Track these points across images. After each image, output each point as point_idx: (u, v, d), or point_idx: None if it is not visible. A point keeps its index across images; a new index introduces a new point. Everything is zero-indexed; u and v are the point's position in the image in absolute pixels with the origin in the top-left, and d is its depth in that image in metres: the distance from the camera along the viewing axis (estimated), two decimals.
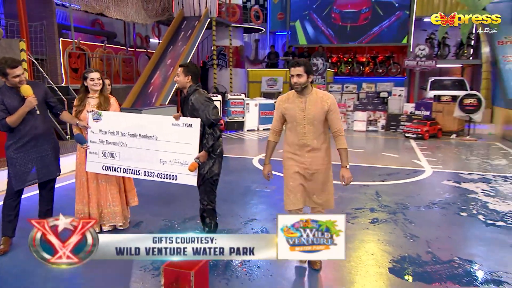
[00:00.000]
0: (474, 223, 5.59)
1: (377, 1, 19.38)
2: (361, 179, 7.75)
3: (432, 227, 5.43)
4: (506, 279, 3.87)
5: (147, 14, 16.51)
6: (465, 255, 4.48)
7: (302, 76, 3.65)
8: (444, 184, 7.52)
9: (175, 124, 4.41)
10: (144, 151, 4.64)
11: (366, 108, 15.27)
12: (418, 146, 11.44)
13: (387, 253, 4.53)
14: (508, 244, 4.76)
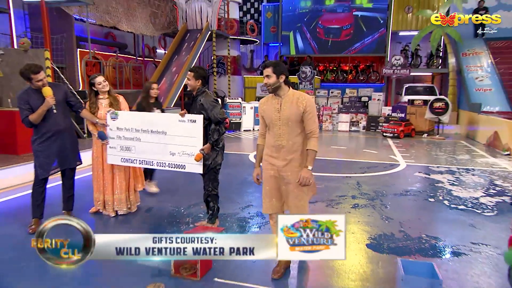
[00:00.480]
0: (440, 207, 5.71)
1: (362, 16, 19.25)
2: (344, 172, 7.93)
3: (404, 210, 5.57)
4: (464, 251, 4.06)
5: (155, 28, 16.46)
6: (432, 233, 4.62)
7: (271, 77, 3.33)
8: (416, 176, 7.66)
9: (181, 121, 4.50)
10: (155, 144, 4.70)
11: (349, 111, 15.33)
12: (394, 144, 11.54)
13: (365, 232, 4.65)
14: (467, 224, 4.95)
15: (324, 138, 13.21)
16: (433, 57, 17.16)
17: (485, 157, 9.43)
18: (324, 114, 15.30)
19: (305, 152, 3.40)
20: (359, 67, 19.70)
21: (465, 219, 5.14)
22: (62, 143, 4.59)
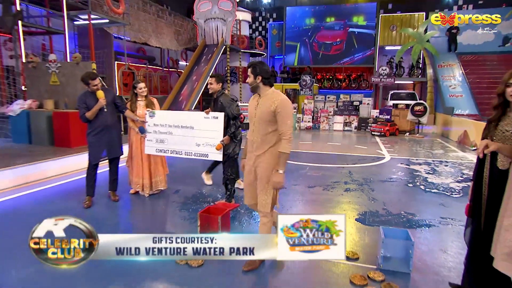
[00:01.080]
0: (417, 191, 5.86)
1: (359, 33, 19.11)
2: (338, 163, 8.03)
3: (387, 193, 5.70)
4: (434, 223, 4.31)
5: (178, 43, 16.59)
6: (409, 210, 4.80)
7: (250, 77, 3.10)
8: (398, 166, 7.74)
9: (206, 117, 4.63)
10: (184, 137, 4.82)
11: (343, 113, 15.30)
12: (381, 141, 11.61)
13: (355, 209, 4.85)
14: (438, 203, 5.15)
15: (321, 136, 13.25)
16: (414, 68, 17.24)
17: (456, 152, 9.57)
18: (322, 115, 15.28)
19: (276, 153, 3.06)
20: (352, 76, 19.74)
21: (437, 200, 5.33)
22: (110, 136, 4.78)
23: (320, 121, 15.33)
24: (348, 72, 19.99)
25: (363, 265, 3.25)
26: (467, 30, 16.83)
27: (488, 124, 2.55)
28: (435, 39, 16.76)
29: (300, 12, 20.42)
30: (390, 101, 15.43)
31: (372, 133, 13.36)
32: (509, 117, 2.38)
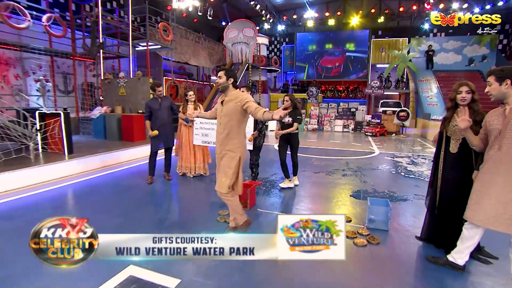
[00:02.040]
0: (398, 176, 6.06)
1: (353, 57, 19.09)
2: (338, 156, 8.15)
3: (375, 178, 5.93)
4: (409, 199, 4.59)
5: (211, 62, 16.96)
6: (391, 189, 5.05)
7: (222, 78, 2.97)
8: (385, 158, 7.89)
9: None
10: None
11: (342, 118, 15.42)
12: (372, 140, 11.69)
13: (350, 188, 5.12)
14: (413, 185, 5.36)
15: (324, 135, 13.36)
16: (399, 81, 17.11)
17: (431, 148, 9.58)
18: (325, 119, 15.43)
19: (235, 144, 2.99)
20: (350, 88, 19.67)
21: (413, 182, 5.55)
22: (166, 131, 5.08)
23: (323, 124, 15.45)
24: (347, 84, 20.02)
25: (354, 225, 3.63)
26: (441, 52, 16.82)
27: (444, 121, 2.91)
28: (416, 59, 16.71)
29: (307, 37, 20.56)
30: (380, 108, 15.42)
31: (365, 134, 13.36)
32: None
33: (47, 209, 4.15)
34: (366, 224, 3.56)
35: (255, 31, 16.25)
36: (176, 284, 2.40)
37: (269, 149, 9.13)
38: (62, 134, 6.08)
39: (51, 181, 5.35)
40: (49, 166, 5.52)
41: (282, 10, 21.38)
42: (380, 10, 19.09)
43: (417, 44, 17.34)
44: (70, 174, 5.80)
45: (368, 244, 3.13)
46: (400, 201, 4.55)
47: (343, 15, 19.54)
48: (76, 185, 5.22)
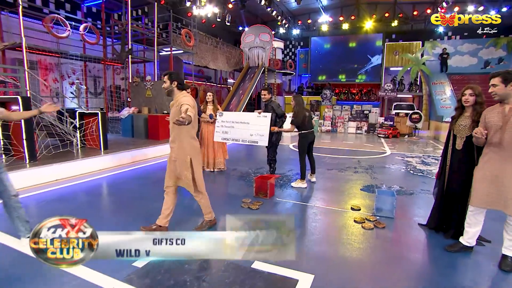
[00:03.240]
0: (407, 173, 6.33)
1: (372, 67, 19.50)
2: (351, 155, 8.43)
3: (385, 174, 6.21)
4: (415, 193, 4.88)
5: (229, 66, 17.47)
6: (399, 185, 5.33)
7: (166, 82, 3.03)
8: (396, 158, 8.12)
9: (258, 116, 5.06)
10: (242, 130, 5.16)
11: (356, 120, 15.60)
12: (385, 141, 11.86)
13: (360, 183, 5.44)
14: (421, 181, 5.63)
15: (338, 137, 13.59)
16: (412, 84, 17.12)
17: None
18: (338, 121, 15.67)
19: (183, 146, 3.03)
20: (363, 91, 19.70)
21: (421, 179, 5.82)
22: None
23: (337, 125, 15.67)
24: (360, 87, 20.13)
25: (363, 213, 4.01)
26: (456, 55, 16.72)
27: (452, 120, 3.26)
28: (430, 62, 16.70)
29: (321, 41, 20.84)
30: (393, 110, 15.46)
31: (378, 136, 13.49)
32: (464, 116, 3.07)
33: (90, 196, 4.73)
34: (374, 212, 3.95)
35: (271, 36, 16.69)
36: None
37: (284, 148, 9.52)
38: (99, 132, 6.70)
39: (90, 173, 5.97)
40: (87, 160, 6.15)
41: (297, 15, 21.75)
42: (394, 14, 19.19)
43: (431, 47, 17.36)
44: (105, 167, 6.41)
45: (374, 228, 3.52)
46: (407, 194, 4.86)
47: (357, 19, 19.74)
48: (112, 177, 5.80)
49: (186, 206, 4.14)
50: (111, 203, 4.50)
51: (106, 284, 2.35)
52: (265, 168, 5.91)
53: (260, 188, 4.60)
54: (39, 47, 8.54)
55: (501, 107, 2.64)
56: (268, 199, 4.45)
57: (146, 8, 14.11)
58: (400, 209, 4.09)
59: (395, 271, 2.67)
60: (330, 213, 4.04)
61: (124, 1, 10.30)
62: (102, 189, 5.11)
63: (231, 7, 16.79)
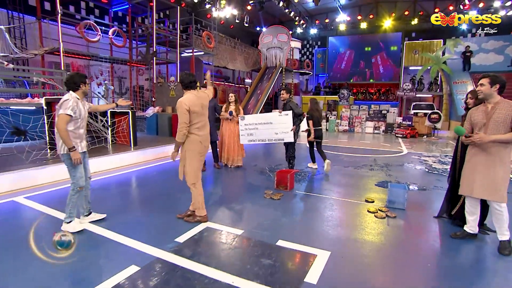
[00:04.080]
0: (422, 172, 6.60)
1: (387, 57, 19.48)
2: (367, 154, 8.73)
3: (400, 172, 6.48)
4: (428, 189, 5.20)
5: (247, 66, 17.87)
6: (413, 181, 5.65)
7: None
8: (412, 157, 8.34)
9: (279, 115, 5.44)
10: (267, 130, 5.53)
11: (373, 119, 15.72)
12: (402, 141, 12.01)
13: (375, 179, 5.79)
14: (435, 179, 5.91)
15: (355, 136, 13.82)
16: (432, 84, 17.05)
17: None
18: (356, 121, 15.90)
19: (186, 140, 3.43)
20: (381, 91, 19.76)
21: (435, 177, 6.09)
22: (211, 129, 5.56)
23: (354, 125, 15.87)
24: (379, 87, 20.15)
25: (376, 205, 4.40)
26: (480, 53, 16.51)
27: (462, 118, 3.65)
28: (451, 61, 16.56)
29: (339, 41, 21.01)
30: (412, 110, 15.48)
31: (396, 135, 13.62)
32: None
33: (126, 186, 5.32)
34: (386, 204, 4.33)
35: (288, 36, 16.96)
36: (241, 232, 3.37)
37: (301, 147, 9.94)
38: (129, 129, 7.34)
39: (122, 167, 6.60)
40: (119, 155, 6.78)
41: (314, 14, 22.03)
42: (414, 12, 19.18)
43: (453, 45, 17.17)
44: (135, 162, 7.04)
45: (386, 217, 3.91)
46: (420, 190, 5.20)
47: (376, 18, 19.83)
48: (142, 171, 6.40)
49: (210, 193, 4.65)
50: (143, 193, 5.06)
51: (156, 253, 2.87)
52: (284, 165, 6.33)
53: (280, 181, 5.06)
54: (74, 51, 9.32)
55: (484, 106, 3.06)
56: (288, 191, 4.91)
57: (167, 11, 14.82)
58: (412, 203, 4.45)
59: (402, 251, 3.07)
60: (346, 204, 4.45)
61: (150, 6, 10.98)
62: (134, 182, 5.70)
63: (249, 8, 17.28)
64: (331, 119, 16.35)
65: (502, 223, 3.01)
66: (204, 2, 14.40)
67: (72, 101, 3.23)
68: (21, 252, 2.89)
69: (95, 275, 2.50)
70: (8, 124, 5.44)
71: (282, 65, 16.91)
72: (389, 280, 2.56)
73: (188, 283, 2.42)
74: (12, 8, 9.95)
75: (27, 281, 2.44)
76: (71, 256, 2.83)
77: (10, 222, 3.61)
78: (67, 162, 3.31)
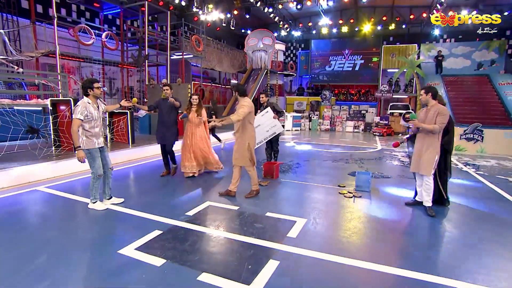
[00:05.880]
0: (391, 164, 7.68)
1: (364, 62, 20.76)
2: (345, 150, 9.82)
3: (371, 165, 7.53)
4: (392, 177, 6.25)
5: (233, 68, 18.86)
6: (381, 171, 6.68)
7: (235, 93, 4.49)
8: (385, 152, 9.49)
9: (261, 115, 6.16)
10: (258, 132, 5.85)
11: (353, 119, 16.85)
12: (378, 139, 13.19)
13: (349, 170, 6.74)
14: (400, 169, 7.03)
15: (336, 135, 14.92)
16: (407, 86, 18.42)
17: None
18: (337, 121, 17.10)
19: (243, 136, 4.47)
20: (361, 92, 20.86)
21: (401, 168, 7.21)
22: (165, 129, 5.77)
23: (335, 124, 17.04)
24: (359, 88, 21.36)
25: (346, 189, 5.44)
26: (450, 57, 18.07)
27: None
28: (425, 64, 17.92)
29: (322, 44, 22.20)
30: (389, 110, 16.69)
31: (373, 134, 14.83)
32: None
33: (129, 179, 6.15)
34: (355, 188, 5.37)
35: (273, 39, 18.04)
36: (237, 208, 4.31)
37: (286, 144, 10.95)
38: (128, 128, 8.13)
39: (122, 162, 7.39)
40: (119, 152, 7.56)
41: (298, 17, 23.17)
42: (391, 18, 20.62)
43: (428, 50, 18.70)
44: (134, 158, 7.83)
45: (353, 197, 4.95)
46: (386, 178, 6.29)
47: (356, 22, 21.15)
48: (141, 166, 7.22)
49: (209, 184, 5.55)
50: (151, 183, 5.88)
51: (172, 222, 3.77)
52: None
53: (267, 171, 6.03)
54: (68, 53, 9.99)
55: (425, 108, 4.22)
56: (274, 179, 5.88)
57: (156, 15, 15.55)
58: (375, 187, 5.51)
59: (362, 216, 4.09)
60: (321, 188, 5.46)
61: (141, 10, 11.73)
62: (134, 175, 6.52)
63: (236, 13, 18.19)
64: (313, 119, 17.47)
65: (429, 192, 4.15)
66: (191, 5, 15.20)
67: (81, 106, 3.90)
68: (69, 222, 3.74)
69: (129, 237, 3.37)
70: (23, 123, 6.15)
71: (267, 67, 17.85)
72: (349, 233, 3.56)
73: (200, 239, 3.34)
74: (6, 11, 10.50)
75: (79, 240, 3.30)
76: (105, 225, 3.70)
77: (47, 204, 4.41)
78: (87, 155, 4.05)
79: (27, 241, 3.23)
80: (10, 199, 4.63)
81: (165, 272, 2.66)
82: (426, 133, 4.13)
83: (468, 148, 10.08)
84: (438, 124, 4.00)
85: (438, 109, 4.07)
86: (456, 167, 7.59)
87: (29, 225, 3.70)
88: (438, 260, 3.02)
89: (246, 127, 4.47)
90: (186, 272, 2.67)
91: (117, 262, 2.83)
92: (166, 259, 2.87)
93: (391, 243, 3.39)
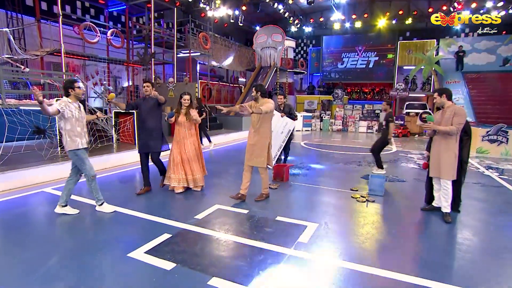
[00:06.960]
0: (406, 167, 7.71)
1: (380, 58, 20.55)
2: (358, 152, 9.87)
3: (389, 168, 7.30)
4: (408, 180, 6.29)
5: (241, 65, 18.88)
6: (395, 174, 6.71)
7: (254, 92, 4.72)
8: (400, 155, 9.51)
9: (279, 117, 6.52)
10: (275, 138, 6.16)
11: (367, 119, 16.75)
12: (393, 140, 12.67)
13: (361, 173, 6.82)
14: (415, 173, 7.08)
15: (349, 135, 14.92)
16: (425, 83, 18.21)
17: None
18: (350, 120, 17.01)
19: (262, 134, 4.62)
20: (375, 90, 20.72)
21: (417, 171, 7.22)
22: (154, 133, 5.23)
23: (348, 125, 16.98)
24: (373, 86, 21.17)
25: (359, 193, 5.49)
26: (472, 53, 17.68)
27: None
28: (444, 61, 17.68)
29: (334, 40, 22.14)
30: (405, 110, 16.52)
31: None
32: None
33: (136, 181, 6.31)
34: (368, 192, 5.41)
35: (283, 36, 18.04)
36: (246, 212, 4.41)
37: (296, 145, 11.02)
38: (134, 129, 8.31)
39: (128, 164, 7.55)
40: (124, 153, 7.73)
41: (309, 12, 23.18)
42: (408, 11, 20.47)
43: (447, 45, 18.37)
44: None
45: (366, 201, 5.00)
46: (401, 181, 6.32)
47: (370, 17, 21.07)
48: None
49: (215, 187, 5.67)
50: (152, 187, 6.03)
51: (182, 226, 3.88)
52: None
53: (277, 174, 6.11)
54: (73, 51, 10.23)
55: (442, 110, 4.26)
56: (284, 182, 5.97)
57: (162, 11, 15.78)
58: (390, 191, 5.55)
59: (376, 222, 4.14)
60: (333, 192, 5.52)
61: (147, 6, 11.93)
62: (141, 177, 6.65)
63: (244, 9, 18.30)
64: (325, 118, 17.47)
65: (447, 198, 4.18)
66: (198, 1, 15.37)
67: (61, 101, 3.94)
68: (78, 224, 3.89)
69: (139, 240, 3.49)
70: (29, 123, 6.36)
71: (277, 65, 17.87)
72: (362, 239, 3.62)
73: (210, 243, 3.44)
74: (11, 8, 10.80)
75: (88, 243, 3.44)
76: (114, 228, 3.83)
77: (54, 206, 4.58)
78: (74, 158, 4.12)
79: (38, 244, 3.38)
80: (18, 201, 4.82)
81: (175, 276, 2.77)
82: (443, 136, 4.16)
83: (491, 150, 9.95)
84: (455, 125, 4.02)
85: (455, 110, 4.10)
86: (477, 171, 7.53)
87: (38, 228, 3.87)
88: (457, 269, 3.06)
89: (266, 125, 4.60)
90: (197, 276, 2.77)
91: (128, 265, 2.95)
92: (176, 262, 2.98)
93: (406, 250, 3.44)
